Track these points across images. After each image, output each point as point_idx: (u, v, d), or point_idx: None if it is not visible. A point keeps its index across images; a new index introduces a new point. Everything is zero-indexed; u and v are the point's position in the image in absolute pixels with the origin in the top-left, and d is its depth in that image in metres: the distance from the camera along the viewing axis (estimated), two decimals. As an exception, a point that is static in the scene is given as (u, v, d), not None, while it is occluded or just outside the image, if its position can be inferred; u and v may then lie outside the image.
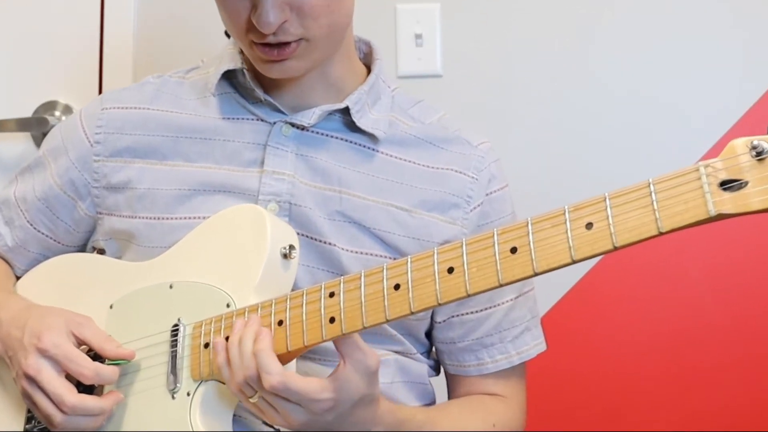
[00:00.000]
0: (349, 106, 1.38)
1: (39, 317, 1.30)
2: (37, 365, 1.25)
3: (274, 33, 1.26)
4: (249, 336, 1.16)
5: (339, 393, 1.14)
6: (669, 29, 1.96)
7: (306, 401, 1.13)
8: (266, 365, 1.13)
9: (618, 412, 1.91)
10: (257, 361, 1.13)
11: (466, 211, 1.40)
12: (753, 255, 1.91)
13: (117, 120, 1.42)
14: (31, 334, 1.27)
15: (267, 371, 1.12)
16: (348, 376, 1.14)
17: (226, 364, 1.17)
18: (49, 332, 1.27)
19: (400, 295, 1.10)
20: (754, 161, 0.92)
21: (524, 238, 1.03)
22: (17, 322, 1.32)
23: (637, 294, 1.93)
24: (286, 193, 1.34)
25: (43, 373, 1.25)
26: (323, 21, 1.28)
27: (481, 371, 1.42)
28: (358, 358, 1.15)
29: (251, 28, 1.28)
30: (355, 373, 1.15)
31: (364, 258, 1.34)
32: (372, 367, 1.16)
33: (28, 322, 1.29)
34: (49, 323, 1.28)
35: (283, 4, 1.25)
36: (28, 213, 1.46)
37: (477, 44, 2.00)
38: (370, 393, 1.17)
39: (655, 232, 0.96)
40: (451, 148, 1.43)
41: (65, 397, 1.24)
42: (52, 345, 1.25)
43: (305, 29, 1.28)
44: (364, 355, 1.15)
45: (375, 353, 1.16)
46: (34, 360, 1.25)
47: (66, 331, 1.28)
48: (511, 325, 1.43)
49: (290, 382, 1.12)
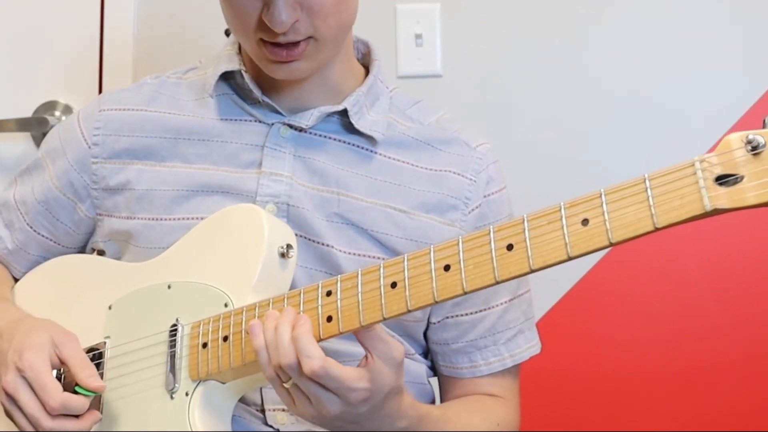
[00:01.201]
0: (347, 108, 1.37)
1: (25, 333, 1.29)
2: (15, 384, 1.24)
3: (284, 32, 1.26)
4: (286, 322, 1.13)
5: (373, 383, 1.13)
6: (669, 29, 1.96)
7: (344, 389, 1.11)
8: (307, 349, 1.10)
9: (618, 412, 1.91)
10: (297, 346, 1.11)
11: (464, 212, 1.40)
12: (752, 254, 1.91)
13: (115, 122, 1.42)
14: (14, 350, 1.27)
15: (308, 355, 1.10)
16: (379, 368, 1.13)
17: (264, 348, 1.14)
18: (30, 352, 1.25)
19: (396, 293, 1.10)
20: (750, 156, 0.92)
21: (520, 235, 1.03)
22: (7, 334, 1.31)
23: (636, 294, 1.93)
24: (284, 195, 1.34)
25: (20, 393, 1.24)
26: (332, 20, 1.28)
27: (474, 373, 1.42)
28: (382, 350, 1.13)
29: (261, 28, 1.28)
30: (384, 365, 1.13)
31: (362, 260, 1.34)
32: (398, 358, 1.15)
33: (15, 337, 1.29)
34: (33, 341, 1.27)
35: (295, 3, 1.25)
36: (28, 215, 1.46)
37: (477, 44, 2.00)
38: (398, 384, 1.16)
39: (650, 227, 0.95)
40: (449, 149, 1.43)
41: (41, 420, 1.23)
42: (29, 366, 1.24)
43: (315, 29, 1.28)
44: (389, 347, 1.14)
45: (398, 344, 1.15)
46: (12, 378, 1.25)
47: (48, 352, 1.26)
48: (505, 327, 1.42)
49: (330, 368, 1.10)
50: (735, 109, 1.92)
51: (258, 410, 1.32)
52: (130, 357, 1.30)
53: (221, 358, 1.21)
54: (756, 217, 1.79)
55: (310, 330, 1.12)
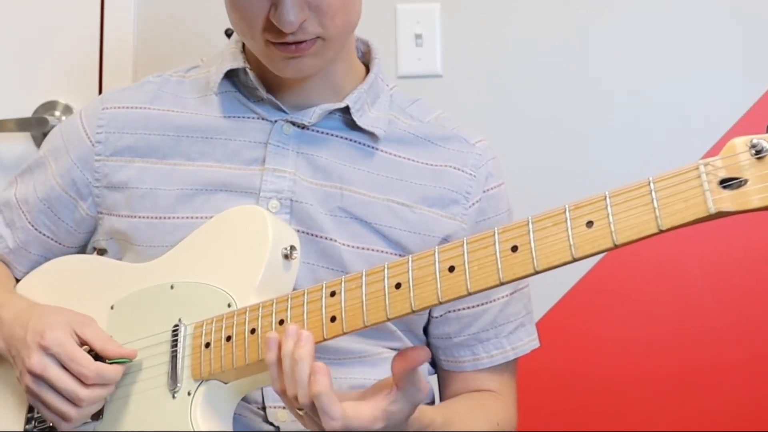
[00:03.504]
0: (349, 105, 1.39)
1: (41, 316, 1.30)
2: (42, 363, 1.25)
3: (293, 32, 1.27)
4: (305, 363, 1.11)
5: (389, 420, 1.14)
6: (669, 29, 1.96)
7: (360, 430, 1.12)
8: (329, 411, 1.09)
9: (618, 412, 1.91)
10: (318, 404, 1.09)
11: (465, 207, 1.41)
12: (753, 255, 1.91)
13: (118, 120, 1.42)
14: (34, 332, 1.27)
15: (331, 416, 1.09)
16: (400, 406, 1.14)
17: (275, 364, 1.14)
18: (52, 330, 1.26)
19: (401, 294, 1.11)
20: (754, 159, 0.92)
21: (525, 236, 1.04)
22: (20, 320, 1.31)
23: (637, 294, 1.93)
24: (288, 191, 1.35)
25: (50, 370, 1.25)
26: (339, 20, 1.29)
27: (476, 366, 1.43)
28: (412, 392, 1.14)
29: (268, 28, 1.28)
30: (406, 405, 1.14)
31: (366, 253, 1.35)
32: (422, 401, 1.16)
33: (31, 321, 1.29)
34: (52, 322, 1.28)
35: (303, 3, 1.26)
36: (29, 214, 1.46)
37: (477, 44, 2.00)
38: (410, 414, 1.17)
39: (655, 230, 0.96)
40: (449, 145, 1.44)
41: (78, 391, 1.24)
42: (55, 343, 1.25)
43: (323, 28, 1.28)
44: (418, 391, 1.14)
45: (427, 386, 1.16)
46: (39, 358, 1.25)
47: (69, 330, 1.27)
48: (507, 320, 1.44)
49: (350, 422, 1.10)
50: (735, 109, 1.92)
51: (259, 408, 1.33)
52: (132, 357, 1.30)
53: (224, 358, 1.21)
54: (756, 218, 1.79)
55: (330, 386, 1.10)
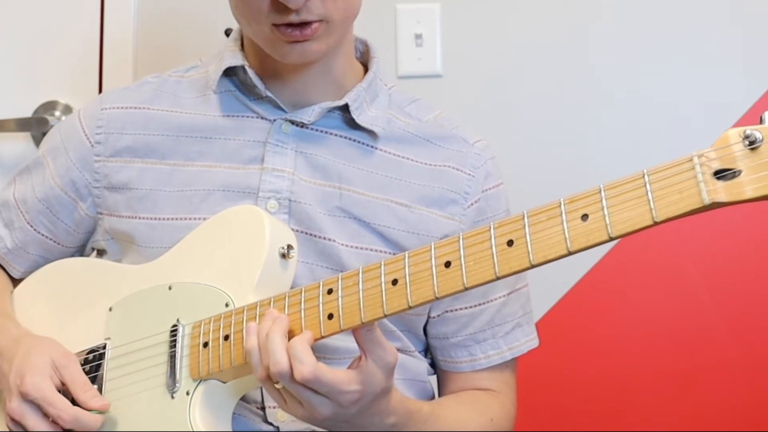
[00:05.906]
0: (349, 103, 1.39)
1: (25, 355, 1.30)
2: (21, 410, 1.25)
3: (297, 12, 1.27)
4: (279, 328, 1.14)
5: (364, 386, 1.14)
6: (669, 28, 1.96)
7: (335, 393, 1.12)
8: (300, 356, 1.11)
9: (618, 412, 1.91)
10: (291, 351, 1.12)
11: (464, 207, 1.41)
12: (752, 255, 1.90)
13: (117, 120, 1.42)
14: (16, 373, 1.28)
15: (300, 361, 1.11)
16: (371, 371, 1.14)
17: (257, 348, 1.15)
18: (32, 374, 1.26)
19: (398, 290, 1.11)
20: (747, 150, 0.93)
21: (520, 230, 1.04)
22: (8, 354, 1.32)
23: (636, 294, 1.93)
24: (286, 190, 1.35)
25: (27, 417, 1.25)
26: (341, 3, 1.30)
27: (473, 367, 1.43)
28: (379, 354, 1.14)
29: (274, 9, 1.28)
30: (377, 368, 1.14)
31: (364, 253, 1.35)
32: (391, 363, 1.16)
33: (16, 358, 1.30)
34: (33, 363, 1.28)
35: None
36: (28, 214, 1.46)
37: (477, 44, 2.00)
38: (387, 385, 1.17)
39: (650, 221, 0.96)
40: (448, 145, 1.44)
41: None
42: (33, 388, 1.25)
43: (326, 9, 1.29)
44: (385, 351, 1.15)
45: (394, 349, 1.16)
46: (17, 404, 1.26)
47: (49, 373, 1.27)
48: (504, 320, 1.43)
49: (322, 373, 1.11)
50: (735, 108, 1.92)
51: (258, 408, 1.33)
52: (130, 357, 1.30)
53: (222, 357, 1.21)
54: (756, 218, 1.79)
55: (306, 337, 1.13)
